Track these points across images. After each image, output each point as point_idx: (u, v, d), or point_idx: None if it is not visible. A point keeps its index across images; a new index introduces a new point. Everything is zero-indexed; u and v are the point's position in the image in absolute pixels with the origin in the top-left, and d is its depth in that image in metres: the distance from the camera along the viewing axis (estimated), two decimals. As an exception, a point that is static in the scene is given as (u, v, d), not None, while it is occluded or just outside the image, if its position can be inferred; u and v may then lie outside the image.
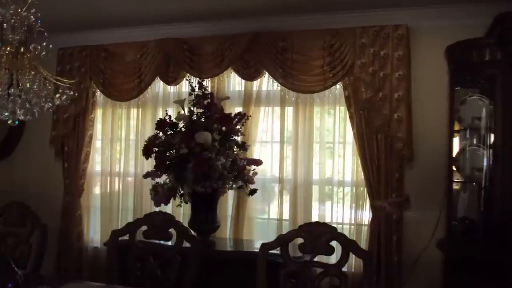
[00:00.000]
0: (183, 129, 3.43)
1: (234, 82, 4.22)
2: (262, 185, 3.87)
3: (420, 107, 3.68)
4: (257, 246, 2.95)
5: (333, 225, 2.64)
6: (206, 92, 3.53)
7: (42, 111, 2.54)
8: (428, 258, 3.47)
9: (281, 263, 2.57)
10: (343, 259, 2.48)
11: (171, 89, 4.37)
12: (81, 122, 4.51)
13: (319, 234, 2.51)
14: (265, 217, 4.20)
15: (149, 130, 4.20)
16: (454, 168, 3.26)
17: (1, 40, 2.47)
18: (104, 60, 4.46)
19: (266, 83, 4.07)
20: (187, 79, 4.06)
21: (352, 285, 3.49)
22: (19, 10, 2.43)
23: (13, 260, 2.23)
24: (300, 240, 2.55)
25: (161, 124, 3.45)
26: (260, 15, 3.93)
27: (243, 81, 4.12)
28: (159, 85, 4.41)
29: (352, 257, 2.85)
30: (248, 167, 3.49)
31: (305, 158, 3.95)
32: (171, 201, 3.43)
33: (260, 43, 3.96)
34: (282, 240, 2.59)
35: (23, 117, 2.49)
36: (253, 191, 3.54)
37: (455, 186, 3.31)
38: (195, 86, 3.49)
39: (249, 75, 4.04)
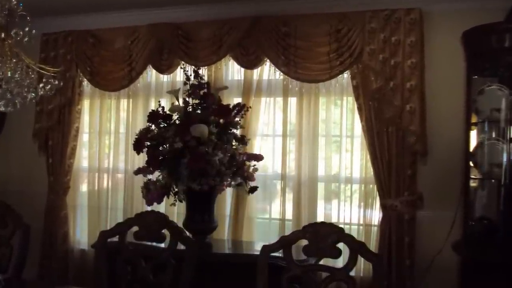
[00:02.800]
0: (177, 122, 3.42)
1: (232, 71, 4.21)
2: (263, 182, 3.88)
3: (434, 97, 3.67)
4: (257, 248, 2.96)
5: (340, 226, 2.64)
6: (203, 81, 3.51)
7: (24, 102, 2.54)
8: (443, 261, 3.48)
9: (283, 267, 2.57)
10: (351, 263, 2.47)
11: (165, 78, 4.37)
12: (67, 114, 4.51)
13: (325, 235, 2.50)
14: (266, 217, 4.21)
15: (141, 123, 4.20)
16: (471, 164, 3.26)
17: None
18: (92, 46, 4.45)
19: (267, 71, 4.06)
20: (181, 67, 4.04)
21: (360, 290, 3.52)
22: (-1, -8, 2.43)
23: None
24: (304, 242, 2.55)
25: (154, 116, 3.44)
26: (261, -3, 3.92)
27: (242, 69, 4.12)
28: (151, 73, 4.41)
29: (361, 260, 2.85)
30: (248, 163, 3.48)
31: (310, 153, 3.95)
32: (164, 199, 3.43)
33: (261, 28, 3.95)
34: (285, 242, 2.59)
35: (4, 108, 2.49)
36: (253, 189, 3.54)
37: (472, 184, 3.32)
38: (191, 75, 3.47)
39: (249, 62, 4.03)
